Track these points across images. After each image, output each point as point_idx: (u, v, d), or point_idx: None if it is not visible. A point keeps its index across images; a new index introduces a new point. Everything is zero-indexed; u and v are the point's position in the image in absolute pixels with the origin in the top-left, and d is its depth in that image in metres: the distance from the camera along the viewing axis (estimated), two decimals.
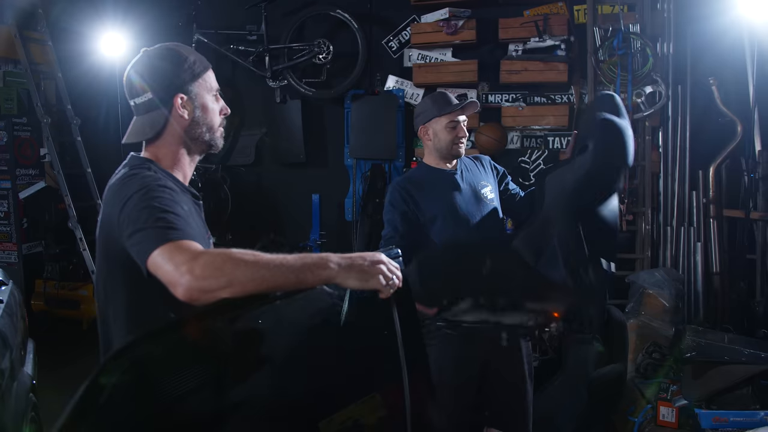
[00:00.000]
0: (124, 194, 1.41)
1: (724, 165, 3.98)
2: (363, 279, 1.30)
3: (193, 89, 1.53)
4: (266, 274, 1.22)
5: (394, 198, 2.49)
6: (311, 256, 1.29)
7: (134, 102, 1.54)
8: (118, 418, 1.13)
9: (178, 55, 1.52)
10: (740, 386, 2.54)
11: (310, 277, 1.26)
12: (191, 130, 1.56)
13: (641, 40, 3.92)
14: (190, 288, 1.20)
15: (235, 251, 1.25)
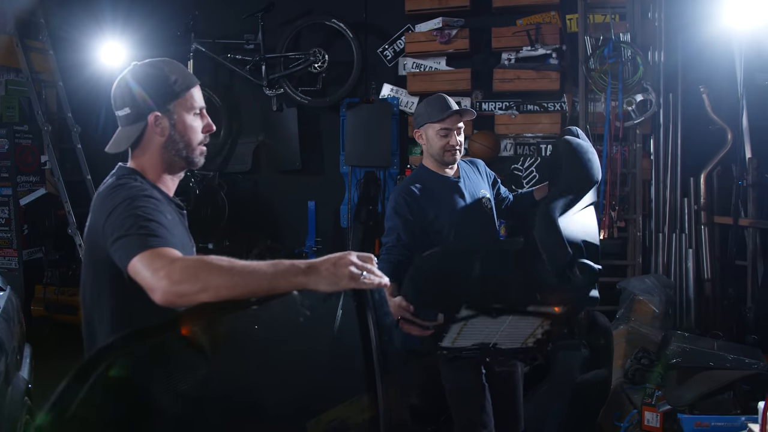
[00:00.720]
0: (110, 203, 1.46)
1: (715, 172, 4.02)
2: (333, 281, 1.31)
3: (171, 108, 1.57)
4: (240, 281, 1.27)
5: (400, 205, 2.43)
6: (284, 262, 1.33)
7: (117, 114, 1.61)
8: (96, 416, 1.17)
9: (160, 74, 1.57)
10: (722, 391, 2.57)
11: (283, 284, 1.30)
12: (168, 147, 1.60)
13: (632, 48, 3.97)
14: (167, 292, 1.25)
15: (211, 258, 1.30)
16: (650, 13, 4.09)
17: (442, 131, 2.44)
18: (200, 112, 1.66)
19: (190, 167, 1.69)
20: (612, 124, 3.98)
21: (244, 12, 4.62)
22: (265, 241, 4.80)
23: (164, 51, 4.69)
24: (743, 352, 2.84)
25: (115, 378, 1.19)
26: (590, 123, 4.07)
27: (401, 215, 2.42)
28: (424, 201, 2.46)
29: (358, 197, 4.49)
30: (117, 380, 1.19)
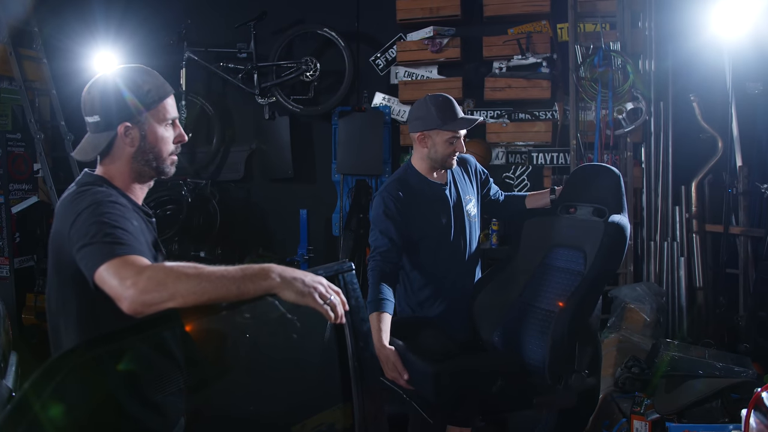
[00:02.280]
0: (75, 209, 1.45)
1: (706, 180, 4.03)
2: (299, 295, 1.32)
3: (142, 119, 1.56)
4: (207, 287, 1.26)
5: (389, 208, 2.39)
6: (253, 267, 1.32)
7: (86, 120, 1.60)
8: (58, 419, 1.16)
9: (134, 83, 1.55)
10: (710, 400, 2.55)
11: (251, 288, 1.29)
12: (138, 157, 1.59)
13: (622, 57, 3.98)
14: (134, 301, 1.24)
15: (178, 265, 1.29)
16: (640, 22, 4.10)
17: (451, 139, 2.39)
18: (172, 123, 1.65)
19: (160, 177, 1.67)
20: (602, 132, 3.99)
21: (237, 21, 4.64)
22: (257, 249, 4.80)
23: (157, 59, 4.70)
24: (732, 360, 2.83)
25: (78, 382, 1.18)
26: (581, 131, 4.08)
27: (392, 217, 2.39)
28: (411, 206, 2.44)
29: (349, 205, 4.48)
30: (79, 385, 1.19)
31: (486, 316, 2.51)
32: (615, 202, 2.29)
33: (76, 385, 1.25)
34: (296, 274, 1.34)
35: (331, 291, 1.37)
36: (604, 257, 2.22)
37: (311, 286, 1.33)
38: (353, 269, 1.58)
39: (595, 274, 2.22)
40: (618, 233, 2.20)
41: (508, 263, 2.56)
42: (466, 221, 2.55)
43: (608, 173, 2.38)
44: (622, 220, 2.23)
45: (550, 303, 2.36)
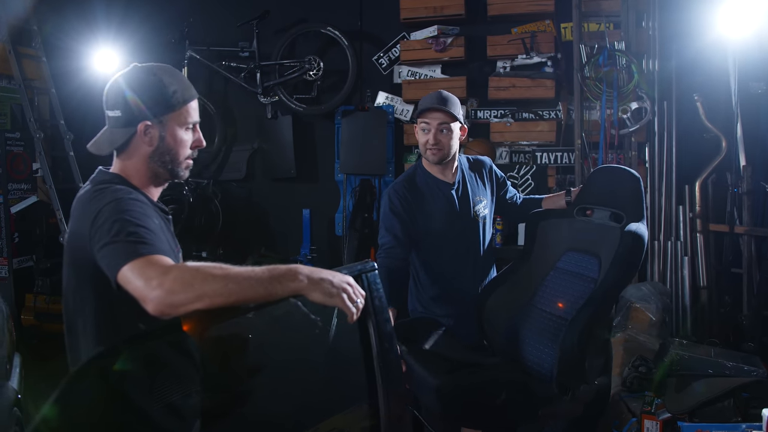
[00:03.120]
0: (94, 207, 1.43)
1: (710, 180, 4.03)
2: (327, 295, 1.31)
3: (164, 120, 1.54)
4: (235, 288, 1.24)
5: (395, 205, 2.41)
6: (280, 267, 1.31)
7: (107, 113, 1.57)
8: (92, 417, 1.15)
9: (160, 83, 1.53)
10: (722, 399, 2.55)
11: (279, 289, 1.27)
12: (154, 157, 1.57)
13: (626, 57, 3.98)
14: (161, 302, 1.22)
15: (205, 265, 1.27)
16: (644, 22, 4.10)
17: (422, 125, 2.41)
18: (193, 127, 1.62)
19: (173, 179, 1.66)
20: (607, 132, 3.99)
21: (239, 19, 4.61)
22: (260, 249, 4.77)
23: (158, 58, 4.64)
24: (741, 359, 2.83)
25: (114, 380, 1.17)
26: (586, 131, 4.07)
27: (398, 214, 2.40)
28: (416, 204, 2.45)
29: (353, 205, 4.46)
30: (115, 382, 1.17)
31: (496, 318, 2.48)
32: (633, 207, 2.22)
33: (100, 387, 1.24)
34: (324, 275, 1.32)
35: (358, 293, 1.36)
36: (619, 267, 2.14)
37: (339, 287, 1.33)
38: (376, 269, 1.57)
39: (610, 283, 2.15)
40: (635, 243, 2.12)
41: (521, 265, 2.52)
42: (474, 222, 2.53)
43: (628, 177, 2.32)
44: (639, 228, 2.15)
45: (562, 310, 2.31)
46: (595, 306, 2.12)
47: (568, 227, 2.43)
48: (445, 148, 2.42)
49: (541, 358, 2.29)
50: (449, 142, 2.42)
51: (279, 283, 1.27)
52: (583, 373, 2.13)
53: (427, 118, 2.39)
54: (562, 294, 2.36)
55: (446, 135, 2.40)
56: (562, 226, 2.45)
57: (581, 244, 2.35)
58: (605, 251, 2.22)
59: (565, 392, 2.13)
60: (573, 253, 2.39)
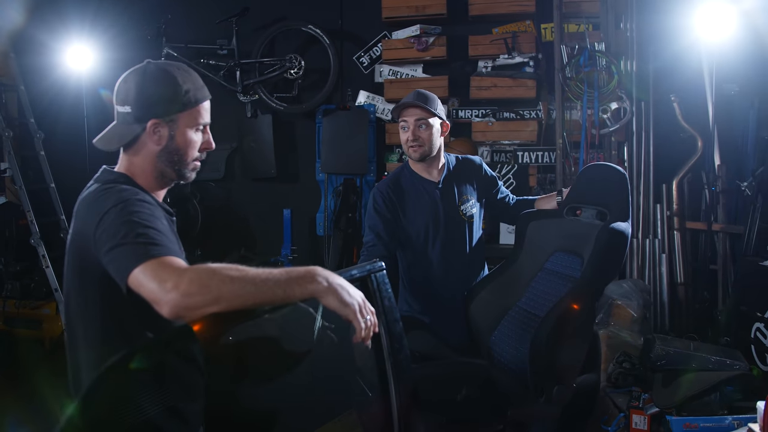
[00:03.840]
0: (100, 208, 1.37)
1: (686, 179, 4.12)
2: (342, 303, 1.28)
3: (175, 119, 1.49)
4: (253, 290, 1.20)
5: (378, 204, 2.43)
6: (297, 269, 1.28)
7: (116, 108, 1.52)
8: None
9: (174, 81, 1.48)
10: (708, 392, 2.61)
11: (297, 291, 1.24)
12: (162, 157, 1.52)
13: (606, 57, 4.04)
14: (177, 305, 1.17)
15: (221, 266, 1.23)
16: (622, 24, 4.18)
17: (401, 123, 2.43)
18: (203, 128, 1.58)
19: (179, 180, 1.60)
20: (588, 131, 4.04)
21: (217, 17, 4.54)
22: (239, 250, 4.70)
23: (134, 54, 4.54)
24: (724, 353, 2.90)
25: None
26: (567, 131, 4.13)
27: (381, 213, 2.42)
28: (401, 203, 2.46)
29: (338, 205, 4.43)
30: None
31: (483, 319, 2.46)
32: (618, 205, 2.19)
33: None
34: (342, 282, 1.30)
35: (368, 310, 1.34)
36: (596, 264, 2.10)
37: (355, 298, 1.30)
38: (384, 269, 1.55)
39: (586, 281, 2.10)
40: (611, 240, 2.08)
41: (510, 265, 2.51)
42: (459, 221, 2.52)
43: (612, 173, 2.29)
44: (618, 225, 2.10)
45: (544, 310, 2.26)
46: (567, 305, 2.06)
47: (556, 228, 2.42)
48: (425, 144, 2.41)
49: (523, 361, 2.23)
50: (429, 138, 2.41)
51: (297, 285, 1.24)
52: (553, 373, 2.07)
53: (405, 115, 2.41)
54: (546, 295, 2.35)
55: (425, 131, 2.40)
56: (552, 227, 2.44)
57: (568, 245, 2.34)
58: (587, 250, 2.19)
59: (540, 393, 2.09)
60: (560, 253, 2.38)
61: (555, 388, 2.00)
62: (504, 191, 2.70)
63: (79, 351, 1.50)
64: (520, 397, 2.11)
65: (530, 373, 2.04)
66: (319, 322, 1.54)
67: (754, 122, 3.99)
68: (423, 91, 2.48)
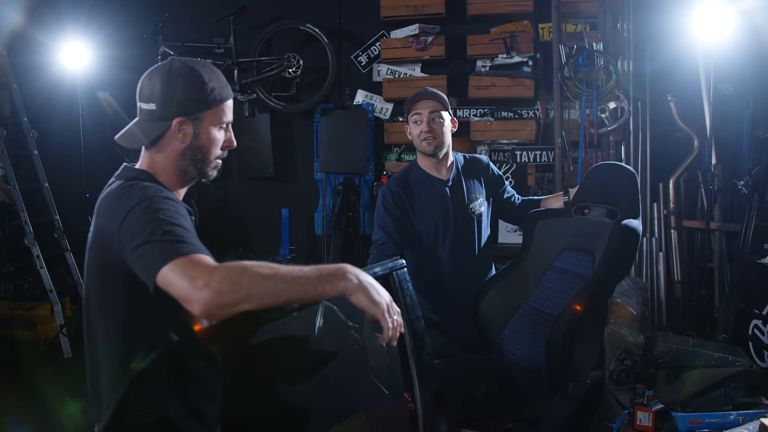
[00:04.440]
0: (124, 205, 1.35)
1: (682, 178, 4.17)
2: (372, 302, 1.27)
3: (200, 116, 1.48)
4: (284, 287, 1.19)
5: (388, 202, 2.43)
6: (327, 267, 1.27)
7: (140, 105, 1.50)
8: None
9: (200, 79, 1.46)
10: (713, 389, 2.64)
11: (328, 288, 1.24)
12: (185, 155, 1.51)
13: (604, 57, 4.07)
14: (209, 303, 1.16)
15: (251, 264, 1.22)
16: (619, 24, 4.21)
17: (414, 117, 2.43)
18: (226, 126, 1.57)
19: (201, 179, 1.59)
20: (587, 131, 4.07)
21: (214, 15, 4.51)
22: (237, 249, 4.67)
23: (130, 52, 4.53)
24: (725, 350, 2.93)
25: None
26: (565, 130, 4.15)
27: (390, 212, 2.42)
28: (410, 201, 2.45)
29: (338, 204, 4.41)
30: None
31: (493, 318, 2.47)
32: (628, 203, 2.21)
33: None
34: (371, 280, 1.29)
35: (395, 310, 1.33)
36: (609, 261, 2.12)
37: (383, 298, 1.29)
38: (405, 267, 1.55)
39: (599, 278, 2.13)
40: (624, 237, 2.10)
41: (518, 264, 2.52)
42: (468, 219, 2.52)
43: (622, 172, 2.31)
44: (630, 222, 2.13)
45: (555, 307, 2.30)
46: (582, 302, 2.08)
47: (565, 226, 2.43)
48: (439, 136, 2.42)
49: (536, 359, 2.26)
50: (442, 131, 2.43)
51: (328, 282, 1.23)
52: (570, 370, 2.10)
53: (419, 108, 2.41)
54: (557, 293, 2.36)
55: (439, 123, 2.42)
56: (560, 226, 2.46)
57: (577, 243, 2.35)
58: (598, 248, 2.21)
59: (555, 390, 2.11)
60: (569, 252, 2.39)
61: (570, 384, 2.00)
62: (510, 191, 2.71)
63: (99, 350, 1.48)
64: (534, 394, 2.11)
65: (546, 370, 2.05)
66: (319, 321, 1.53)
67: (749, 122, 4.04)
68: (429, 89, 2.49)
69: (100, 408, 1.50)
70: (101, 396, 1.49)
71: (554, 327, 2.06)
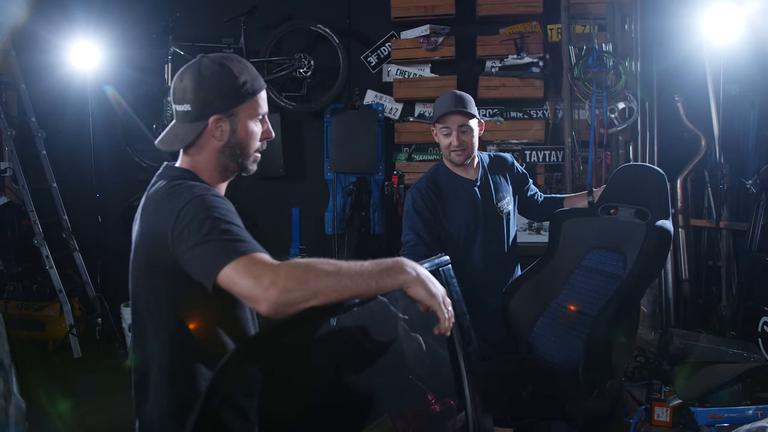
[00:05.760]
0: (174, 204, 1.35)
1: (689, 177, 4.22)
2: (428, 295, 1.29)
3: (236, 111, 1.48)
4: (348, 283, 1.20)
5: (418, 204, 2.43)
6: (385, 261, 1.27)
7: (175, 108, 1.50)
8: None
9: (231, 74, 1.46)
10: (730, 384, 2.68)
11: (389, 282, 1.24)
12: (225, 151, 1.51)
13: (614, 58, 4.12)
14: (276, 302, 1.16)
15: (313, 261, 1.23)
16: (626, 25, 4.26)
17: (443, 129, 2.44)
18: (262, 118, 1.57)
19: (242, 173, 1.60)
20: (597, 131, 4.12)
21: (225, 15, 4.51)
22: None
23: (141, 52, 4.54)
24: (740, 346, 2.98)
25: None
26: (575, 130, 4.19)
27: (421, 213, 2.42)
28: (440, 203, 2.46)
29: (350, 203, 4.43)
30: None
31: (521, 316, 2.49)
32: (659, 204, 2.25)
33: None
34: (427, 273, 1.30)
35: (449, 303, 1.35)
36: (645, 262, 2.17)
37: (439, 290, 1.31)
38: (450, 263, 1.58)
39: (636, 278, 2.17)
40: (660, 238, 2.16)
41: (545, 263, 2.54)
42: (497, 218, 2.55)
43: (653, 174, 2.34)
44: (665, 224, 2.17)
45: (587, 306, 2.33)
46: (620, 302, 2.14)
47: (592, 226, 2.45)
48: (468, 148, 2.45)
49: (567, 356, 2.30)
50: (471, 141, 2.46)
51: (389, 276, 1.24)
52: (609, 368, 2.14)
53: (447, 122, 2.42)
54: (586, 292, 2.38)
55: (468, 135, 2.44)
56: (587, 225, 2.47)
57: (606, 242, 2.37)
58: (630, 248, 2.25)
59: (591, 388, 2.15)
60: (597, 251, 2.41)
61: (608, 383, 2.04)
62: (533, 188, 2.74)
63: (148, 348, 1.48)
64: (570, 392, 2.14)
65: (584, 368, 2.08)
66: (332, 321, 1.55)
67: (755, 122, 4.09)
68: (459, 93, 2.48)
69: (145, 406, 1.50)
70: (148, 394, 1.48)
71: (594, 326, 2.09)
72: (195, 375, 1.45)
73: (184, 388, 1.44)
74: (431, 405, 2.01)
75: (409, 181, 4.60)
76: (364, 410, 1.70)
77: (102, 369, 4.26)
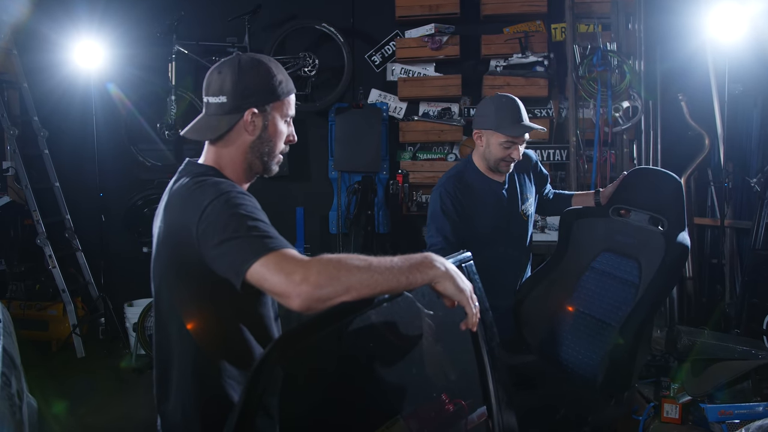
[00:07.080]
0: (199, 201, 1.34)
1: (692, 176, 4.24)
2: (457, 289, 1.29)
3: (269, 109, 1.49)
4: (379, 278, 1.20)
5: (447, 206, 2.38)
6: (414, 256, 1.28)
7: (207, 100, 1.50)
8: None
9: (269, 71, 1.48)
10: (740, 381, 2.70)
11: (419, 277, 1.25)
12: (254, 148, 1.50)
13: (618, 57, 4.13)
14: (308, 297, 1.16)
15: (343, 257, 1.23)
16: (630, 24, 4.28)
17: (506, 143, 2.35)
18: (289, 120, 1.57)
19: (264, 174, 1.58)
20: (601, 129, 4.13)
21: (228, 14, 4.50)
22: None
23: (145, 51, 4.53)
24: (747, 344, 3.00)
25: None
26: (580, 129, 4.21)
27: (449, 216, 2.38)
28: (468, 204, 2.42)
29: (354, 202, 4.43)
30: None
31: (534, 317, 2.48)
32: (675, 214, 2.21)
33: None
34: (455, 268, 1.31)
35: (475, 298, 1.35)
36: (668, 276, 2.15)
37: (467, 284, 1.31)
38: (472, 259, 1.58)
39: (657, 292, 2.15)
40: (682, 255, 2.14)
41: (557, 264, 2.52)
42: (520, 221, 2.54)
43: (669, 180, 2.28)
44: (685, 240, 2.15)
45: (603, 313, 2.31)
46: (643, 314, 2.12)
47: (603, 227, 2.41)
48: (516, 159, 2.42)
49: (580, 360, 2.29)
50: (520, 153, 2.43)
51: (419, 271, 1.24)
52: (630, 380, 2.15)
53: (516, 139, 2.35)
54: (600, 297, 2.36)
55: (523, 145, 2.41)
56: (598, 226, 2.43)
57: (618, 246, 2.34)
58: (645, 256, 2.21)
59: (609, 398, 2.14)
60: (609, 254, 2.37)
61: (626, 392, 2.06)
62: (549, 187, 2.74)
63: (171, 345, 1.47)
64: (586, 400, 2.15)
65: (604, 381, 2.07)
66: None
67: (759, 121, 4.12)
68: (520, 102, 2.40)
69: (167, 403, 1.50)
70: (170, 391, 1.48)
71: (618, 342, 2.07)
72: (219, 371, 1.45)
73: (208, 384, 1.45)
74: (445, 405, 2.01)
75: (413, 180, 4.61)
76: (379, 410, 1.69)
77: (105, 369, 4.24)
